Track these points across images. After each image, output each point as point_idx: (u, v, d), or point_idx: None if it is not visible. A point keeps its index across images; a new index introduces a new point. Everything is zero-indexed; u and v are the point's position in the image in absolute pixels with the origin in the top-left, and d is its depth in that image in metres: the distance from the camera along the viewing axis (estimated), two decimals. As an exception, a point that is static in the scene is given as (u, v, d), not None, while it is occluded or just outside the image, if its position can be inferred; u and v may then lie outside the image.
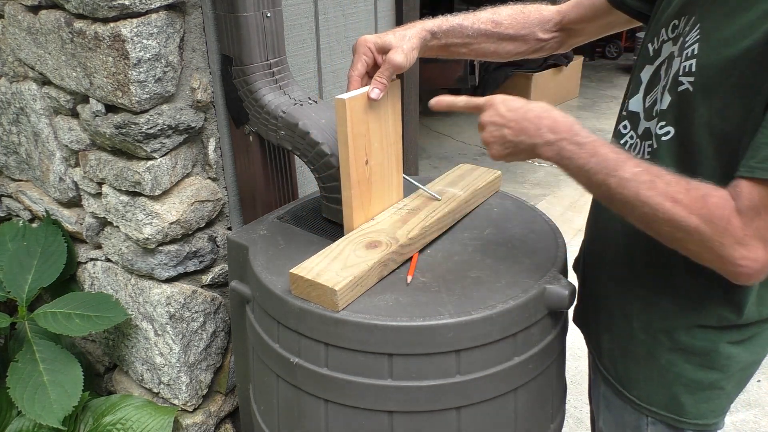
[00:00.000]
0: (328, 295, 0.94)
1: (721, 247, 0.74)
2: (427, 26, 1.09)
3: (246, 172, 1.44)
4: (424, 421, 0.96)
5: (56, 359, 1.42)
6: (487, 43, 1.14)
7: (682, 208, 0.75)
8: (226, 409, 1.67)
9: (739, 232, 0.73)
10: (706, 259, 0.77)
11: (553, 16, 1.15)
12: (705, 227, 0.74)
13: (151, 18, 1.20)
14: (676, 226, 0.76)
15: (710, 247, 0.75)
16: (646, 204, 0.78)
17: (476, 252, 1.11)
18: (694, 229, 0.75)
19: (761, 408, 2.16)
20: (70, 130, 1.48)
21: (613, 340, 1.01)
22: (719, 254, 0.74)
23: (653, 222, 0.78)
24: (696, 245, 0.76)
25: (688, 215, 0.75)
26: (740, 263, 0.74)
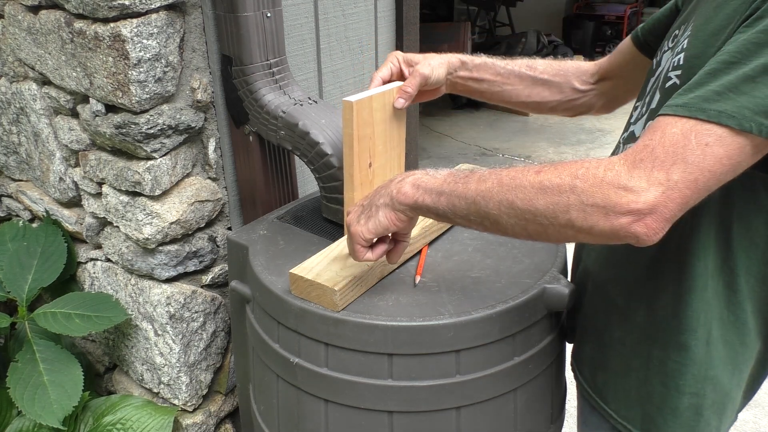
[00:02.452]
0: (328, 295, 0.94)
1: (603, 197, 0.67)
2: (458, 55, 1.10)
3: (246, 172, 1.44)
4: (424, 421, 0.96)
5: (56, 359, 1.42)
6: (520, 85, 1.11)
7: (549, 173, 0.71)
8: (226, 409, 1.67)
9: (622, 176, 0.66)
10: (597, 226, 0.68)
11: (590, 68, 1.13)
12: (580, 181, 0.68)
13: (151, 18, 1.20)
14: (549, 193, 0.70)
15: (593, 204, 0.67)
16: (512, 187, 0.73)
17: (476, 252, 1.12)
18: (568, 186, 0.69)
19: (761, 408, 2.17)
20: (70, 130, 1.48)
21: (594, 351, 0.99)
22: (605, 210, 0.67)
23: (527, 199, 0.72)
24: (578, 210, 0.68)
25: (557, 175, 0.70)
26: (627, 208, 0.66)
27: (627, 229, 0.67)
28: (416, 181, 0.85)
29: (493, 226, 0.79)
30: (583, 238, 0.73)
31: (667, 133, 0.66)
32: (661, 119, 0.68)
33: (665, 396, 0.88)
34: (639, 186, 0.66)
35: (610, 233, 0.68)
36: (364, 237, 0.88)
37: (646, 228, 0.66)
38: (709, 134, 0.65)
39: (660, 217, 0.66)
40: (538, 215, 0.72)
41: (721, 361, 0.86)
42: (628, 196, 0.66)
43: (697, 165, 0.65)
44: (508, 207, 0.74)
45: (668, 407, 0.88)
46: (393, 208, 0.86)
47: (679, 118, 0.66)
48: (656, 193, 0.65)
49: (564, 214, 0.70)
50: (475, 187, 0.78)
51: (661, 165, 0.65)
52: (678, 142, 0.65)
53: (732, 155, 0.65)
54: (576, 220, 0.69)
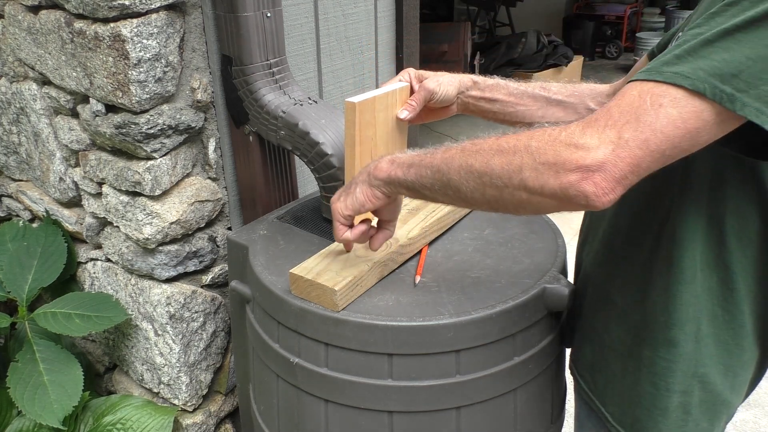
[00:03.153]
0: (328, 295, 0.94)
1: (555, 154, 0.67)
2: (470, 75, 1.10)
3: (246, 172, 1.44)
4: (424, 421, 0.96)
5: (56, 359, 1.42)
6: (533, 105, 1.10)
7: (508, 136, 0.73)
8: (226, 409, 1.67)
9: (575, 135, 0.66)
10: (548, 185, 0.68)
11: (606, 89, 1.11)
12: (535, 141, 0.69)
13: (151, 18, 1.20)
14: (504, 153, 0.71)
15: (545, 162, 0.68)
16: (473, 151, 0.75)
17: (476, 252, 1.12)
18: (523, 146, 0.70)
19: (761, 408, 2.17)
20: (70, 130, 1.48)
21: (594, 353, 0.98)
22: (555, 167, 0.67)
23: (483, 161, 0.73)
24: (531, 169, 0.69)
25: (515, 137, 0.72)
26: (575, 164, 0.66)
27: (576, 186, 0.66)
28: (393, 158, 0.87)
29: (455, 195, 0.79)
30: (536, 202, 0.72)
31: (626, 95, 0.67)
32: (626, 86, 0.69)
33: (654, 397, 0.88)
34: (590, 143, 0.66)
35: (561, 193, 0.68)
36: (343, 213, 0.91)
37: (595, 186, 0.66)
38: (665, 95, 0.64)
39: (609, 176, 0.65)
40: (494, 177, 0.73)
41: (712, 359, 0.85)
42: (578, 153, 0.66)
43: (649, 125, 0.64)
44: (467, 171, 0.75)
45: (658, 408, 0.88)
46: (369, 183, 0.89)
47: (639, 83, 0.67)
48: (606, 150, 0.65)
49: (517, 174, 0.70)
50: (440, 155, 0.80)
51: (614, 124, 0.65)
52: (633, 103, 0.65)
53: (686, 118, 0.64)
54: (528, 179, 0.70)
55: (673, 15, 7.21)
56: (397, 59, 1.87)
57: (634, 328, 0.89)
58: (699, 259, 0.81)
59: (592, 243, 1.01)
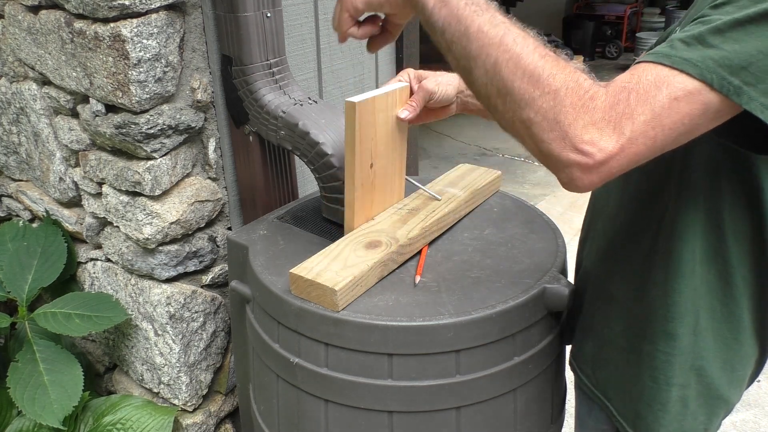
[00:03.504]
0: (328, 295, 0.94)
1: (572, 122, 0.64)
2: None
3: (246, 172, 1.44)
4: (424, 421, 0.96)
5: (56, 359, 1.42)
6: None
7: (550, 65, 0.67)
8: (226, 409, 1.67)
9: (598, 112, 0.64)
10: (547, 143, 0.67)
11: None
12: (564, 93, 0.65)
13: (151, 18, 1.20)
14: (535, 82, 0.66)
15: (559, 121, 0.65)
16: (511, 49, 0.68)
17: (476, 252, 1.11)
18: (553, 90, 0.65)
19: (761, 408, 2.17)
20: (70, 130, 1.48)
21: (595, 348, 0.98)
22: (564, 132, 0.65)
23: (512, 71, 0.68)
24: (543, 116, 0.66)
25: (552, 73, 0.66)
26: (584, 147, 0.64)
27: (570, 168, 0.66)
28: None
29: (463, 68, 0.73)
30: (527, 145, 0.70)
31: (642, 79, 0.65)
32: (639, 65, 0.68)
33: (654, 391, 0.88)
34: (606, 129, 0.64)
35: (554, 159, 0.67)
36: (355, 5, 0.82)
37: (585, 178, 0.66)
38: (679, 88, 0.63)
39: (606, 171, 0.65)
40: (509, 93, 0.68)
41: (710, 352, 0.85)
42: (593, 134, 0.64)
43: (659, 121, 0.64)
44: (493, 66, 0.69)
45: (658, 402, 0.88)
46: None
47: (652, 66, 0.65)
48: (615, 144, 0.64)
49: (530, 111, 0.67)
50: (480, 23, 0.71)
51: (630, 115, 0.64)
52: (649, 91, 0.64)
53: (694, 115, 0.64)
54: (535, 123, 0.67)
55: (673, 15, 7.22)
56: (397, 59, 1.87)
57: (635, 322, 0.89)
58: (698, 253, 0.81)
59: (593, 240, 1.01)
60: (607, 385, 0.96)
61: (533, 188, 4.01)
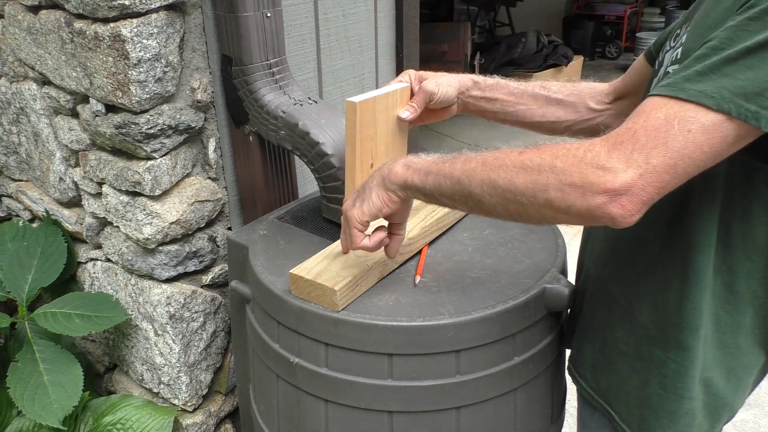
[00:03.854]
0: (327, 295, 0.94)
1: (582, 176, 0.67)
2: (470, 75, 1.09)
3: (246, 172, 1.44)
4: (424, 421, 0.96)
5: (56, 359, 1.42)
6: (534, 104, 1.10)
7: (531, 152, 0.72)
8: (226, 409, 1.67)
9: (602, 157, 0.67)
10: (575, 205, 0.69)
11: (605, 88, 1.11)
12: (561, 162, 0.69)
13: (151, 18, 1.20)
14: (529, 170, 0.71)
15: (571, 184, 0.68)
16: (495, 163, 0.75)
17: (476, 252, 1.11)
18: (548, 166, 0.70)
19: (761, 408, 2.17)
20: (70, 130, 1.48)
21: (595, 352, 0.98)
22: (582, 189, 0.67)
23: (508, 177, 0.73)
24: (555, 190, 0.69)
25: (539, 155, 0.71)
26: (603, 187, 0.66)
27: (603, 209, 0.67)
28: (407, 162, 0.87)
29: (477, 206, 0.79)
30: (561, 219, 0.73)
31: (651, 117, 0.67)
32: (646, 101, 0.69)
33: (663, 399, 0.87)
34: (617, 167, 0.66)
35: (587, 213, 0.69)
36: (360, 220, 0.89)
37: (622, 209, 0.67)
38: (693, 121, 0.65)
39: (636, 199, 0.66)
40: (518, 194, 0.73)
41: (715, 362, 0.85)
42: (606, 176, 0.66)
43: (677, 151, 0.65)
44: (490, 186, 0.75)
45: (665, 411, 0.88)
46: (385, 188, 0.88)
47: (661, 99, 0.67)
48: (633, 174, 0.65)
49: (543, 193, 0.71)
50: (460, 166, 0.79)
51: (642, 148, 0.66)
52: (660, 127, 0.65)
53: (713, 143, 0.65)
54: (554, 200, 0.70)
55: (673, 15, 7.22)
56: (397, 59, 1.87)
57: (642, 328, 0.88)
58: (711, 263, 0.81)
59: (595, 242, 1.01)
60: (609, 390, 0.95)
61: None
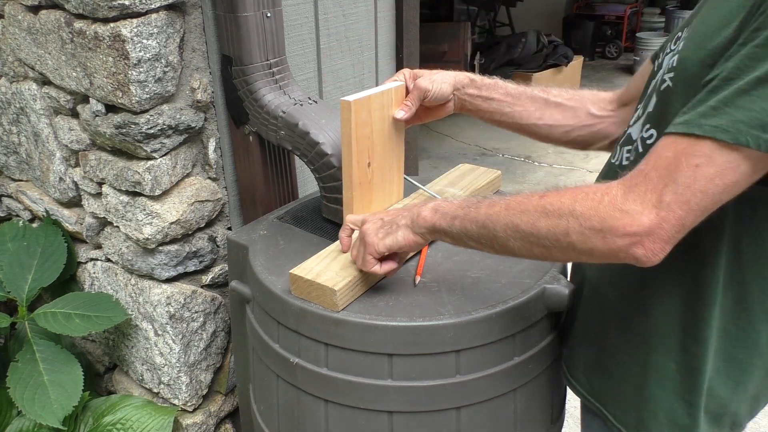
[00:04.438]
0: (327, 295, 0.94)
1: (602, 221, 0.69)
2: (467, 73, 1.09)
3: (246, 172, 1.44)
4: (424, 421, 0.96)
5: (56, 359, 1.42)
6: (531, 106, 1.09)
7: (552, 197, 0.75)
8: (226, 409, 1.67)
9: (618, 200, 0.69)
10: (597, 248, 0.71)
11: (609, 96, 1.10)
12: (580, 207, 0.71)
13: (151, 18, 1.20)
14: (550, 214, 0.74)
15: (591, 228, 0.70)
16: (518, 208, 0.78)
17: (476, 252, 1.11)
18: (567, 211, 0.72)
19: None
20: (70, 130, 1.48)
21: (589, 355, 0.97)
22: (602, 233, 0.69)
23: (530, 222, 0.76)
24: (577, 234, 0.71)
25: (559, 199, 0.73)
26: (624, 231, 0.68)
27: (626, 251, 0.69)
28: (436, 206, 0.89)
29: (503, 249, 0.82)
30: (587, 260, 0.76)
31: (661, 156, 0.68)
32: (661, 140, 0.70)
33: (662, 401, 0.87)
34: (634, 209, 0.68)
35: (611, 255, 0.71)
36: (378, 250, 0.92)
37: (645, 250, 0.69)
38: (699, 155, 0.66)
39: (657, 239, 0.68)
40: (541, 238, 0.76)
41: (721, 375, 0.85)
42: (624, 219, 0.68)
43: (688, 186, 0.66)
44: (514, 230, 0.78)
45: (663, 412, 0.88)
46: (413, 230, 0.90)
47: (675, 138, 0.68)
48: (651, 215, 0.67)
49: (565, 237, 0.73)
50: (485, 211, 0.82)
51: (654, 188, 0.67)
52: (669, 165, 0.67)
53: (724, 174, 0.66)
54: (576, 243, 0.72)
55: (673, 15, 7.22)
56: (397, 59, 1.87)
57: (640, 334, 0.88)
58: (721, 278, 0.81)
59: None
60: (603, 391, 0.95)
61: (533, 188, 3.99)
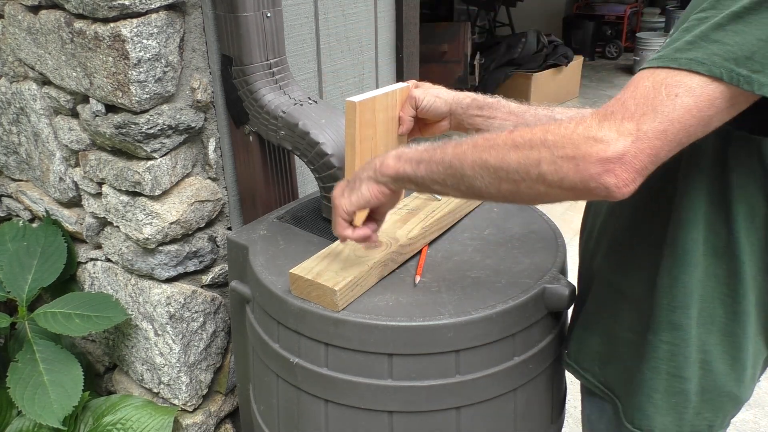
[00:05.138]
0: (328, 295, 0.94)
1: (575, 149, 0.68)
2: (470, 93, 1.09)
3: (246, 172, 1.44)
4: (424, 421, 0.96)
5: (56, 359, 1.42)
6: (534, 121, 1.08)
7: (522, 131, 0.73)
8: (226, 409, 1.67)
9: (593, 128, 0.67)
10: (568, 177, 0.69)
11: None
12: (551, 135, 0.70)
13: (151, 18, 1.20)
14: (521, 147, 0.72)
15: (564, 156, 0.68)
16: (485, 144, 0.75)
17: (476, 252, 1.11)
18: (539, 141, 0.70)
19: (761, 408, 2.17)
20: (70, 130, 1.48)
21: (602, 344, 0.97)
22: (575, 160, 0.68)
23: (499, 156, 0.74)
24: (549, 163, 0.70)
25: (530, 132, 0.72)
26: (597, 157, 0.66)
27: (597, 179, 0.68)
28: (399, 153, 0.87)
29: (469, 189, 0.80)
30: (555, 194, 0.73)
31: (639, 86, 0.67)
32: (637, 75, 0.69)
33: (655, 382, 0.88)
34: (609, 136, 0.66)
35: (581, 185, 0.69)
36: (346, 210, 0.91)
37: (616, 178, 0.67)
38: (679, 85, 0.65)
39: (630, 168, 0.67)
40: (511, 171, 0.73)
41: (717, 348, 0.85)
42: (598, 146, 0.67)
43: (666, 115, 0.65)
44: (482, 166, 0.76)
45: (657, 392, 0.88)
46: (376, 180, 0.89)
47: (652, 71, 0.68)
48: (626, 142, 0.66)
49: (535, 168, 0.71)
50: (451, 151, 0.80)
51: (632, 116, 0.66)
52: (648, 94, 0.66)
53: (702, 107, 0.65)
54: (547, 174, 0.70)
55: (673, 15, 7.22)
56: (397, 59, 1.87)
57: (642, 315, 0.89)
58: (703, 243, 0.81)
59: (596, 235, 1.01)
60: (615, 380, 0.96)
61: (533, 188, 4.01)
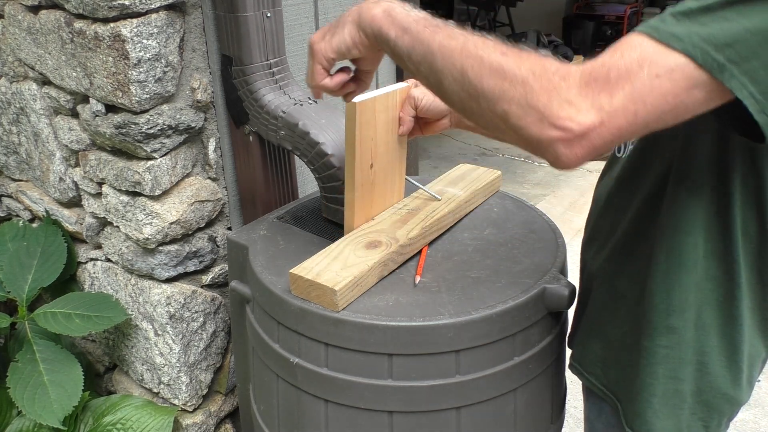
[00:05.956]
0: (328, 295, 0.94)
1: (547, 103, 0.65)
2: None
3: (246, 172, 1.44)
4: (424, 421, 0.96)
5: (56, 359, 1.42)
6: None
7: (513, 58, 0.68)
8: (226, 409, 1.67)
9: (573, 89, 0.65)
10: (527, 128, 0.67)
11: None
12: (533, 79, 0.66)
13: (151, 18, 1.20)
14: (502, 76, 0.67)
15: (534, 106, 0.65)
16: (474, 54, 0.70)
17: (476, 252, 1.11)
18: (520, 79, 0.66)
19: (761, 408, 2.17)
20: (70, 130, 1.48)
21: (603, 347, 0.98)
22: (540, 113, 0.65)
23: (479, 72, 0.69)
24: (517, 104, 0.67)
25: (517, 64, 0.67)
26: (562, 123, 0.64)
27: (550, 144, 0.66)
28: (389, 9, 0.80)
29: (436, 85, 0.76)
30: (508, 136, 0.71)
31: (626, 56, 0.65)
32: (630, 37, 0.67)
33: (653, 387, 0.88)
34: (582, 105, 0.64)
35: (535, 141, 0.67)
36: (326, 55, 0.85)
37: (570, 151, 0.66)
38: (662, 66, 0.63)
39: (588, 144, 0.65)
40: (481, 93, 0.70)
41: (714, 350, 0.85)
42: (569, 110, 0.64)
43: (641, 96, 0.63)
44: (460, 72, 0.71)
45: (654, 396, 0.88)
46: (359, 26, 0.82)
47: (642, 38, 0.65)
48: (594, 119, 0.64)
49: (504, 103, 0.68)
50: (440, 39, 0.74)
51: (610, 89, 0.64)
52: (632, 68, 0.64)
53: (678, 93, 0.63)
54: (511, 114, 0.68)
55: (673, 15, 7.20)
56: (397, 59, 1.87)
57: (639, 320, 0.89)
58: (701, 247, 0.81)
59: (598, 240, 1.01)
60: (616, 383, 0.96)
61: (533, 188, 4.01)
